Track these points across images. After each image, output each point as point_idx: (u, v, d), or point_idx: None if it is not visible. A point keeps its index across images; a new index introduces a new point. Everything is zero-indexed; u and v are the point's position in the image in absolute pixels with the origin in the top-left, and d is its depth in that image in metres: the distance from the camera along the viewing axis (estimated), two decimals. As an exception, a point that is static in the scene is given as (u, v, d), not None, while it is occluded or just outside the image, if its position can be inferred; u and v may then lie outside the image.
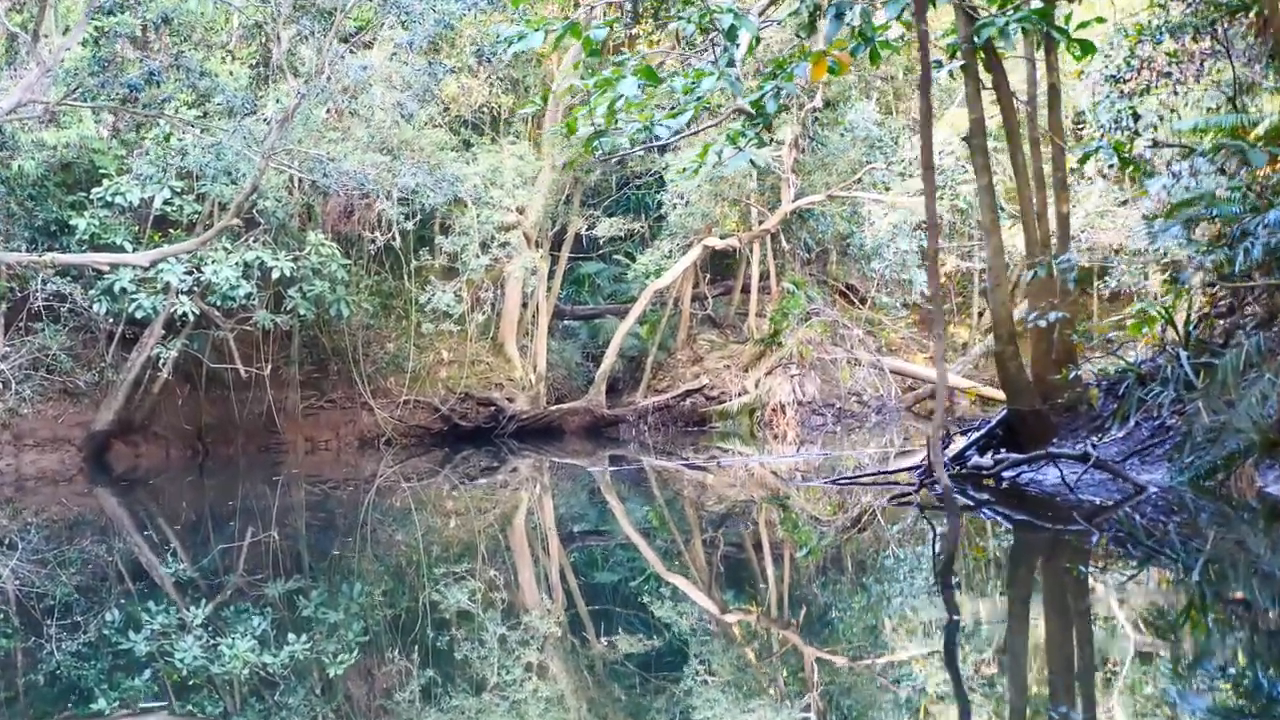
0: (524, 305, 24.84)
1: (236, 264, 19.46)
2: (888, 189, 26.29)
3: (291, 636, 8.28)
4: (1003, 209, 21.60)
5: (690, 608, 9.14)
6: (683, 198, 24.00)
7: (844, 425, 24.38)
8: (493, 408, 23.63)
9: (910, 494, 12.74)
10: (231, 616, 9.04)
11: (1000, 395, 26.82)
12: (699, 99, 9.54)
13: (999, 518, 12.18)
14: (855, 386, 25.36)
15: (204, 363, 21.07)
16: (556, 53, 24.64)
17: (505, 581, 10.42)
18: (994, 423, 14.04)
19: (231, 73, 19.97)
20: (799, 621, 8.38)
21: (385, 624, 8.91)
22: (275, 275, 20.04)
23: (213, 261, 19.31)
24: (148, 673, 7.46)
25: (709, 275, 28.35)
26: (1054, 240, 14.54)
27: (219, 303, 19.68)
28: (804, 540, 11.67)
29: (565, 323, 27.12)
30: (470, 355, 23.79)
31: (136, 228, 20.21)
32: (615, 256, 28.41)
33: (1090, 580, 9.05)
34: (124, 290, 19.09)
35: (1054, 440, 13.42)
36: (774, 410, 24.49)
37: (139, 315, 19.41)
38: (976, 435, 14.02)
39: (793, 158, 24.85)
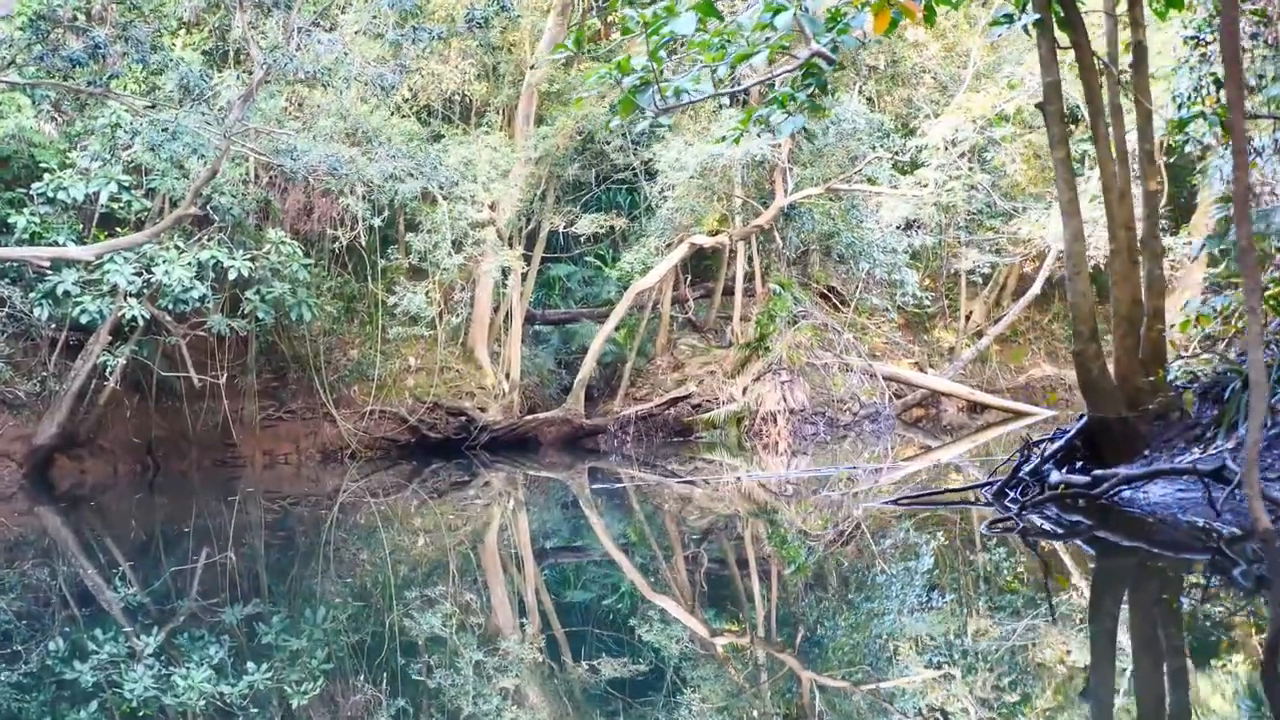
0: (495, 309, 24.77)
1: (189, 264, 19.33)
2: (894, 186, 26.35)
3: (250, 665, 8.20)
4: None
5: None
6: (664, 194, 23.92)
7: (835, 434, 24.39)
8: (463, 418, 23.55)
9: (1008, 519, 12.05)
10: (185, 644, 8.96)
11: (996, 402, 27.38)
12: (769, 41, 8.38)
13: (1119, 546, 11.14)
14: (848, 393, 25.38)
15: (154, 371, 20.93)
16: (530, 37, 24.65)
17: (478, 604, 10.36)
18: (1072, 433, 13.21)
19: (186, 47, 19.76)
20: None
21: (350, 651, 8.84)
22: (231, 276, 19.93)
23: (164, 262, 19.18)
24: (94, 705, 7.38)
25: (689, 277, 28.32)
26: (1140, 223, 13.56)
27: (170, 306, 19.54)
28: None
29: (536, 328, 27.07)
30: (439, 362, 23.71)
31: (80, 226, 20.06)
32: (586, 258, 28.39)
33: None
34: (67, 293, 18.96)
35: (1145, 453, 12.61)
36: (763, 419, 24.48)
37: (84, 320, 19.27)
38: (1054, 448, 13.23)
39: (788, 149, 24.83)
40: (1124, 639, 7.97)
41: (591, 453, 23.67)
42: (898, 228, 26.82)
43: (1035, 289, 28.43)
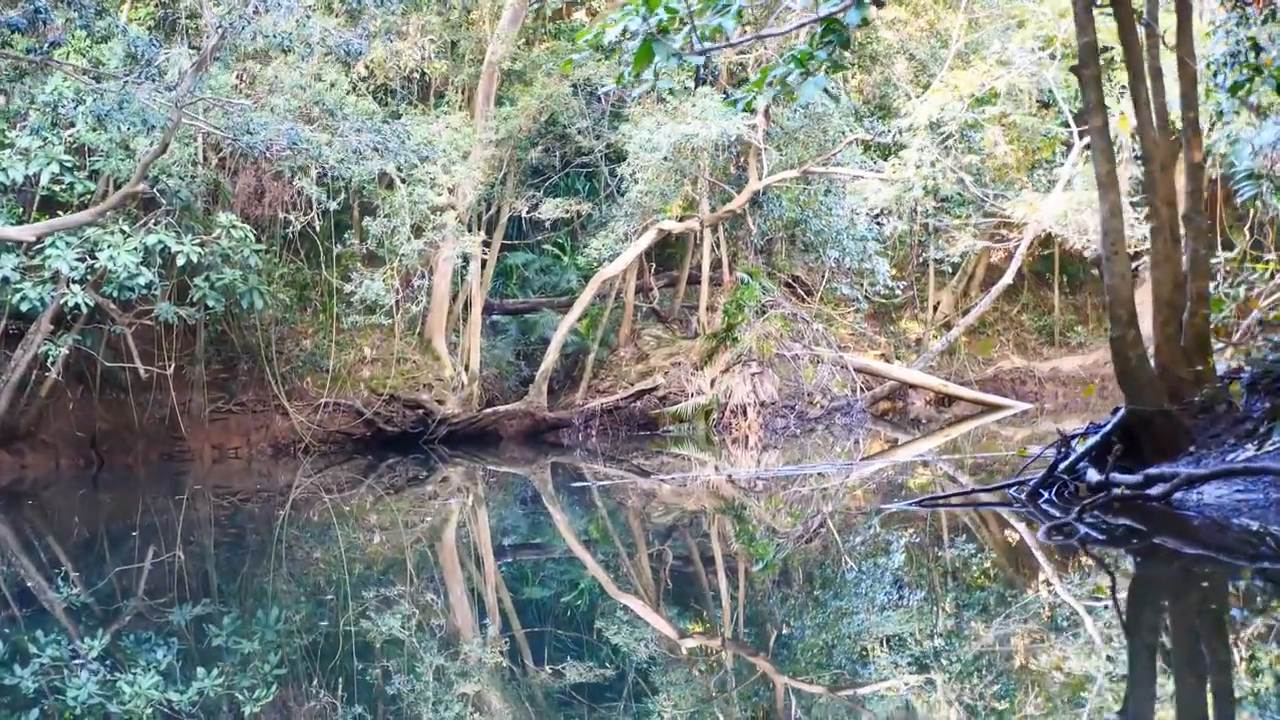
0: (454, 298, 24.70)
1: (135, 249, 19.16)
2: (878, 170, 26.39)
3: (200, 670, 8.19)
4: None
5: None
6: (635, 175, 23.88)
7: (805, 428, 24.50)
8: (421, 411, 23.49)
9: (1065, 524, 11.34)
10: (131, 647, 8.93)
11: (971, 395, 27.56)
12: None
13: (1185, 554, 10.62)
14: (818, 385, 25.48)
15: (98, 362, 20.73)
16: (491, 14, 24.56)
17: (437, 604, 10.37)
18: (1109, 427, 12.52)
19: (132, 21, 19.51)
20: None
21: (304, 654, 8.84)
22: (180, 262, 19.75)
23: (109, 246, 18.99)
24: (35, 712, 7.34)
25: (654, 265, 28.32)
26: (1185, 196, 12.94)
27: (115, 293, 19.38)
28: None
29: (494, 318, 26.99)
30: (395, 353, 23.63)
31: (20, 210, 19.84)
32: (545, 247, 28.35)
33: None
34: (6, 280, 18.75)
35: (1190, 449, 12.07)
36: (733, 412, 24.54)
37: (24, 308, 19.06)
38: (1089, 444, 12.61)
39: (763, 130, 24.80)
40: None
41: (554, 447, 23.68)
42: (873, 215, 26.93)
43: (1007, 278, 28.49)
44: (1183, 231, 12.69)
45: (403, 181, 21.72)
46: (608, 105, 25.76)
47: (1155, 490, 11.49)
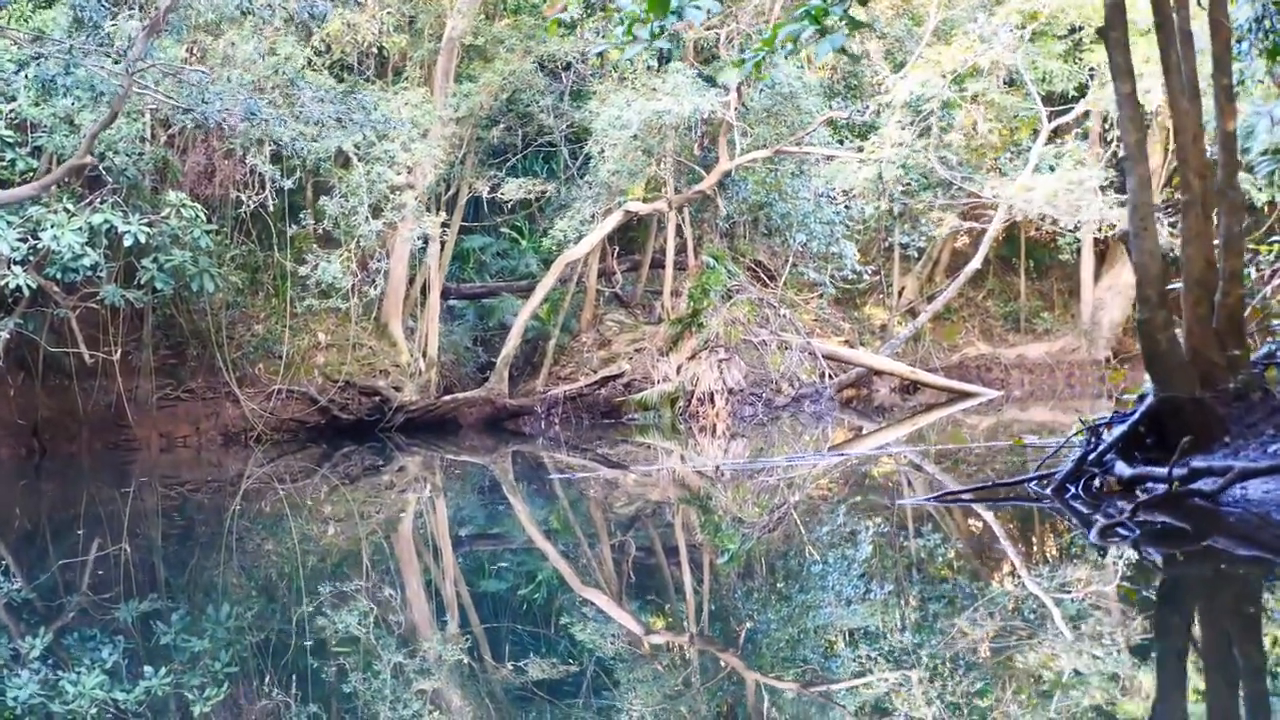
0: (411, 281, 24.57)
1: (80, 229, 18.89)
2: (859, 149, 26.38)
3: (148, 669, 8.10)
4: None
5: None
6: (604, 153, 23.76)
7: (772, 415, 24.55)
8: (377, 398, 23.35)
9: (1118, 524, 10.83)
10: (75, 645, 8.83)
11: (942, 383, 27.68)
12: None
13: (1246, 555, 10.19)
14: (787, 372, 25.54)
15: (41, 346, 20.48)
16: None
17: (394, 598, 10.31)
18: (1137, 416, 12.08)
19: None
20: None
21: (256, 651, 8.77)
22: (127, 243, 19.50)
23: (52, 226, 18.72)
24: (-24, 713, 7.24)
25: (616, 249, 28.25)
26: (1219, 168, 12.49)
27: (59, 275, 19.12)
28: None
29: (451, 303, 26.87)
30: (351, 338, 23.48)
31: (-42, 188, 19.57)
32: (502, 230, 28.24)
33: None
34: (-56, 261, 18.47)
35: (1225, 439, 11.61)
36: (699, 399, 24.53)
37: (-38, 291, 18.80)
38: (1117, 433, 12.19)
39: (735, 107, 24.72)
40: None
41: (515, 435, 23.62)
42: (841, 198, 26.96)
43: (976, 263, 28.69)
44: (1216, 206, 12.30)
45: (360, 160, 21.55)
46: (568, 84, 25.68)
47: (1204, 485, 11.05)
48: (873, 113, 26.90)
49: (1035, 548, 11.45)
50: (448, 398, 24.10)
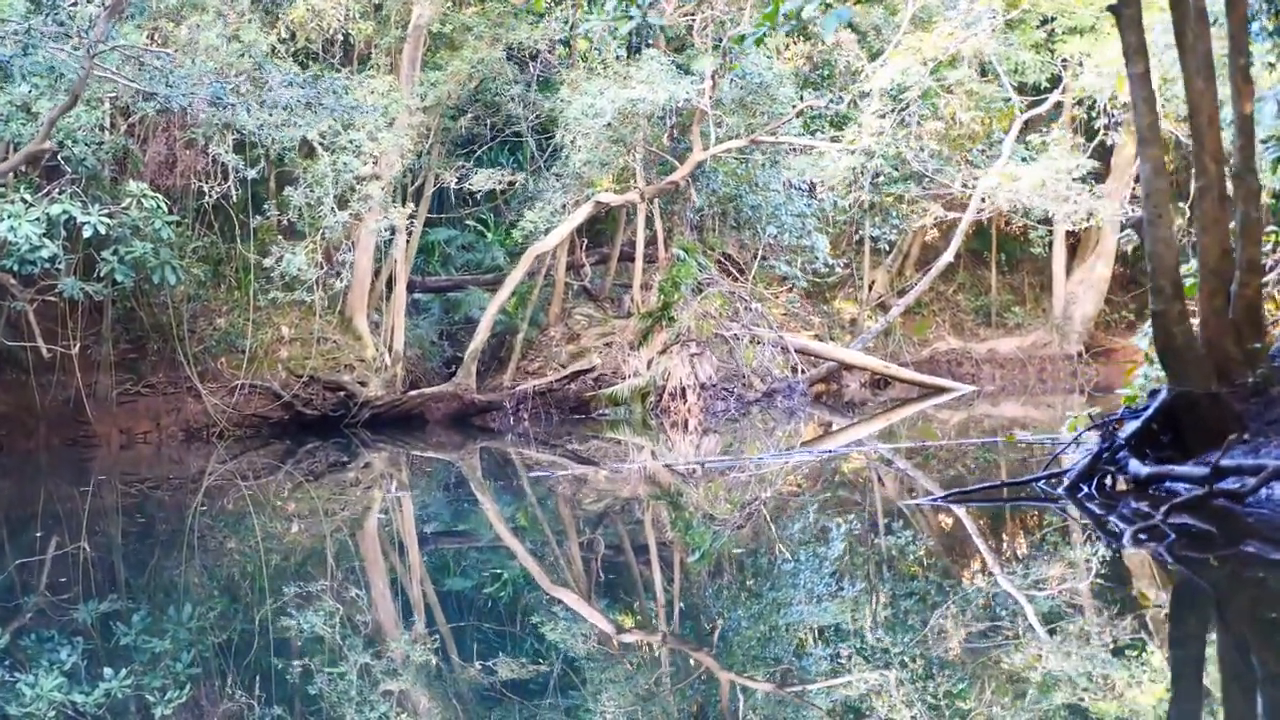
0: (376, 274, 24.47)
1: (38, 220, 18.70)
2: (836, 139, 26.39)
3: (108, 670, 8.06)
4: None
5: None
6: (575, 142, 23.71)
7: (744, 410, 24.59)
8: (342, 393, 23.26)
9: (1151, 526, 10.31)
10: (32, 646, 8.77)
11: (917, 378, 27.78)
12: None
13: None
14: (760, 367, 25.59)
15: (-3, 340, 20.33)
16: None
17: (359, 598, 10.29)
18: (1150, 411, 11.76)
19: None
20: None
21: (218, 652, 8.74)
22: (86, 234, 19.34)
23: (9, 217, 18.52)
24: (-69, 717, 7.19)
25: (584, 241, 28.22)
26: (1234, 152, 12.16)
27: (16, 267, 18.94)
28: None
29: (415, 296, 26.76)
30: (315, 332, 23.38)
31: (-89, 180, 19.37)
32: (468, 222, 28.16)
33: None
34: (-103, 253, 18.29)
35: (1243, 436, 11.25)
36: (671, 394, 24.51)
37: (-84, 283, 18.62)
38: (1130, 430, 11.88)
39: (711, 95, 24.67)
40: None
41: (483, 431, 23.58)
42: (811, 189, 26.99)
43: (949, 256, 28.77)
44: (1231, 191, 11.97)
45: (326, 150, 21.45)
46: (534, 73, 25.64)
47: (1232, 485, 10.68)
48: (850, 102, 26.89)
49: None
50: (414, 393, 24.04)
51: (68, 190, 19.46)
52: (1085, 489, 12.01)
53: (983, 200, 27.43)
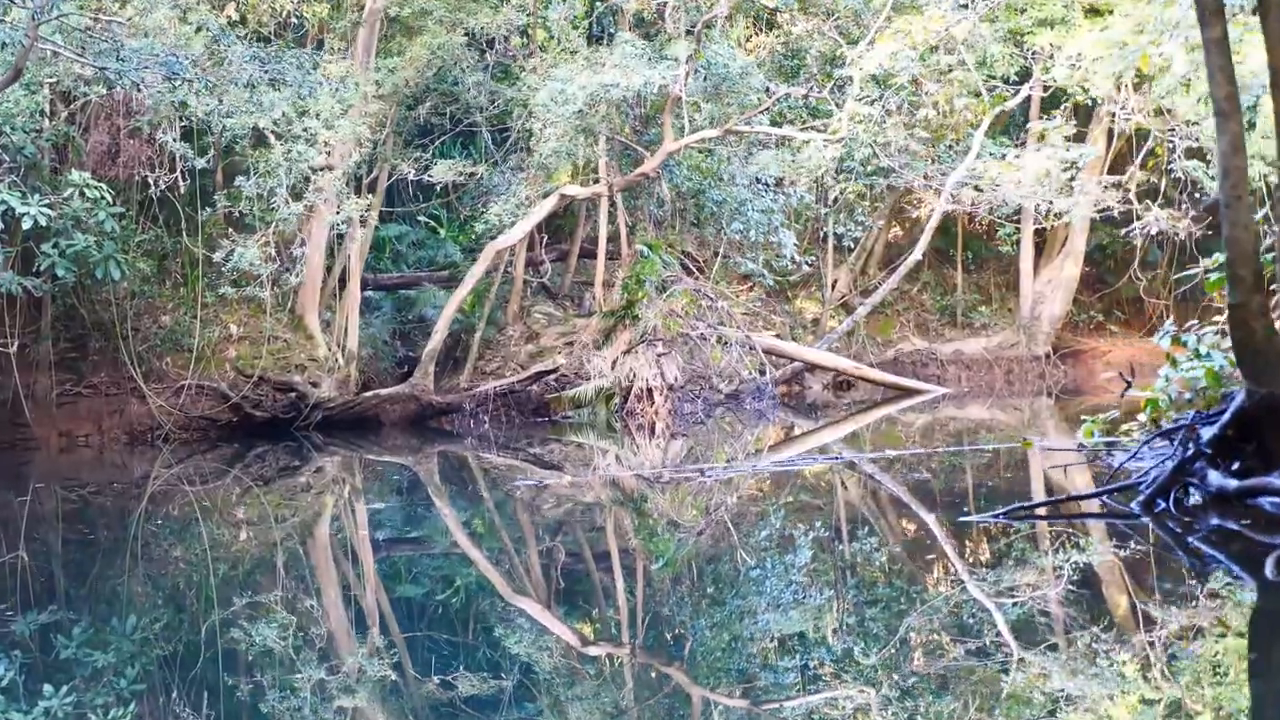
0: (328, 270, 24.33)
1: (-27, 211, 18.56)
2: (821, 129, 26.34)
3: (47, 687, 7.96)
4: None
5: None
6: (545, 129, 23.58)
7: (711, 412, 24.59)
8: (293, 394, 23.09)
9: None
10: (-32, 660, 8.65)
11: (889, 379, 27.84)
12: None
13: None
14: (728, 367, 25.58)
15: (-71, 338, 20.11)
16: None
17: (312, 608, 10.22)
18: (1227, 416, 10.92)
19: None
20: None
21: (164, 665, 8.66)
22: (26, 226, 19.15)
23: (-56, 209, 18.37)
24: None
25: (544, 237, 28.13)
26: None
27: (-51, 262, 18.78)
28: None
29: (367, 294, 26.59)
30: (265, 330, 23.22)
31: None
32: (420, 218, 28.07)
33: None
34: None
35: None
36: (637, 396, 24.39)
37: None
38: (1207, 437, 11.12)
39: (685, 82, 24.53)
40: None
41: (441, 434, 23.50)
42: (793, 181, 26.90)
43: (916, 254, 28.57)
44: None
45: (279, 138, 21.27)
46: (492, 61, 25.56)
47: None
48: (831, 89, 26.77)
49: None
50: (369, 394, 23.90)
51: (5, 180, 19.25)
52: (1163, 504, 11.04)
53: (953, 196, 27.35)
